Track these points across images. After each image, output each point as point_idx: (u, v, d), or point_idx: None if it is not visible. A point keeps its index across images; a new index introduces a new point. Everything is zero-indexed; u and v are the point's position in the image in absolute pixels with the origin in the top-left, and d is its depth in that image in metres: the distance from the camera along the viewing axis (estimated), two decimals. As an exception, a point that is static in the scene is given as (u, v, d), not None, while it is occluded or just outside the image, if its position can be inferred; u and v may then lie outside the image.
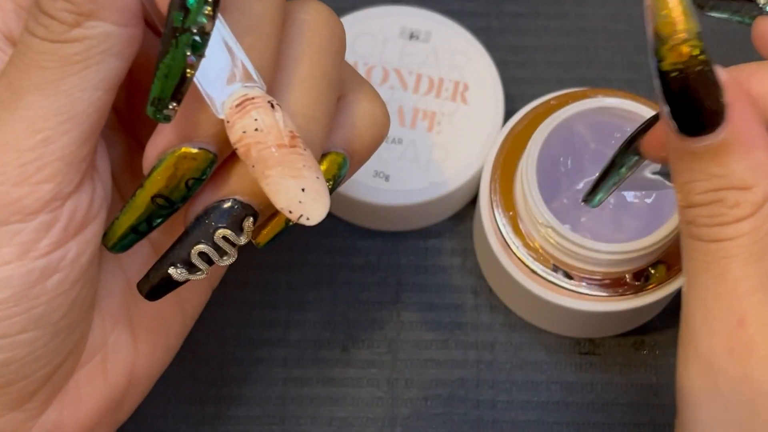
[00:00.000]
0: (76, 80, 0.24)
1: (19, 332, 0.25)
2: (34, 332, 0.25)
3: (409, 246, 0.39)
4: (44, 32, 0.23)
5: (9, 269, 0.24)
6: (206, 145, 0.24)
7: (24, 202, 0.24)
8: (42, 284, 0.25)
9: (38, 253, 0.24)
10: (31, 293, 0.25)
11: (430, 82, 0.39)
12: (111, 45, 0.24)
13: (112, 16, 0.23)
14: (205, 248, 0.25)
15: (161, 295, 0.26)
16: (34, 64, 0.23)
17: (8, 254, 0.24)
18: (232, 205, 0.25)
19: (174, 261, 0.26)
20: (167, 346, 0.31)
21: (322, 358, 0.37)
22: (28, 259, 0.24)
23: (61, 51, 0.23)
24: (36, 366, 0.26)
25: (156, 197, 0.25)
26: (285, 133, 0.23)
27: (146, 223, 0.25)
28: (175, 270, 0.26)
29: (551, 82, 0.41)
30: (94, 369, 0.29)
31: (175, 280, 0.26)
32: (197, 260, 0.25)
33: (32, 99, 0.23)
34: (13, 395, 0.26)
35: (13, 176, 0.24)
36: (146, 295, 0.26)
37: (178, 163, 0.24)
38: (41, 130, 0.24)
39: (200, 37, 0.22)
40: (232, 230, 0.25)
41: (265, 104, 0.23)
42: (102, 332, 0.29)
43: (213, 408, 0.37)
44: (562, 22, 0.43)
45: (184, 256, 0.25)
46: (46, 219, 0.24)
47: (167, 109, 0.23)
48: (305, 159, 0.23)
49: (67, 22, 0.23)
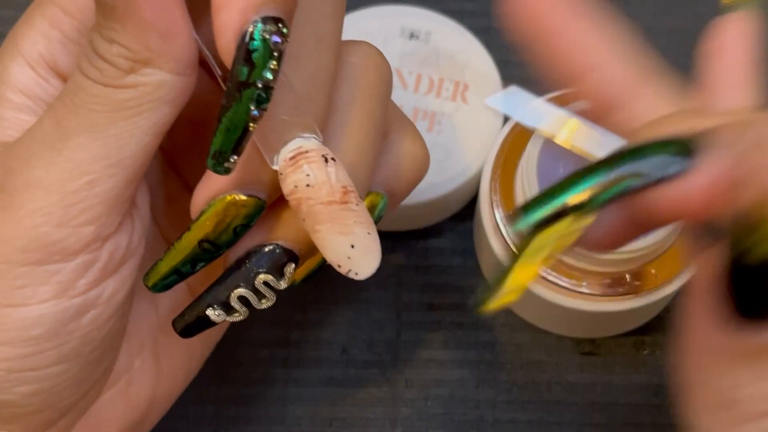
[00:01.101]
0: (127, 126, 0.23)
1: (49, 366, 0.25)
2: (64, 365, 0.25)
3: (409, 246, 0.39)
4: (98, 75, 0.23)
5: (45, 307, 0.24)
6: (256, 192, 0.24)
7: (64, 244, 0.23)
8: (77, 321, 0.24)
9: (75, 292, 0.24)
10: (65, 330, 0.24)
11: (430, 81, 0.39)
12: (165, 93, 0.23)
13: (169, 64, 0.23)
14: (245, 292, 0.25)
15: (195, 333, 0.26)
16: (84, 106, 0.23)
17: (45, 293, 0.24)
18: (274, 249, 0.25)
19: (212, 302, 0.25)
20: (189, 369, 0.31)
21: (322, 358, 0.37)
22: (65, 298, 0.24)
23: (113, 96, 0.23)
24: (62, 396, 0.26)
25: (203, 242, 0.25)
26: (337, 189, 0.23)
27: (190, 265, 0.25)
28: (213, 311, 0.25)
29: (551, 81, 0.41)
30: (117, 393, 0.28)
31: (211, 321, 0.26)
32: (236, 303, 0.25)
33: (80, 141, 0.23)
34: (37, 422, 0.26)
35: (55, 218, 0.23)
36: (180, 333, 0.26)
37: (227, 209, 0.24)
38: (87, 173, 0.23)
39: (265, 92, 0.22)
40: (273, 275, 0.25)
41: (319, 159, 0.23)
42: (129, 357, 0.29)
43: (213, 408, 0.37)
44: (562, 22, 0.43)
45: (223, 299, 0.25)
46: (85, 259, 0.24)
47: (228, 162, 0.23)
48: (357, 215, 0.23)
49: (122, 67, 0.22)
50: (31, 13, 0.26)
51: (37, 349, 0.24)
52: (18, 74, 0.25)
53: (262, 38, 0.21)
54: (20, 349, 0.24)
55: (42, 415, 0.26)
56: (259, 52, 0.21)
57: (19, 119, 0.25)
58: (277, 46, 0.22)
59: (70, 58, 0.25)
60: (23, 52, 0.25)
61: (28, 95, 0.25)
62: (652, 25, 0.43)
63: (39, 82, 0.25)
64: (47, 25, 0.25)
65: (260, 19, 0.21)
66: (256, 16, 0.21)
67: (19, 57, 0.25)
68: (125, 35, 0.22)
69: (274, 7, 0.22)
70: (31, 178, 0.23)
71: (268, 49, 0.22)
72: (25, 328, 0.24)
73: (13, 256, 0.23)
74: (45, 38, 0.25)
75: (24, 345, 0.24)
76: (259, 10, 0.21)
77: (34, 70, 0.25)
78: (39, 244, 0.23)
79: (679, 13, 0.43)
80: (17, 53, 0.25)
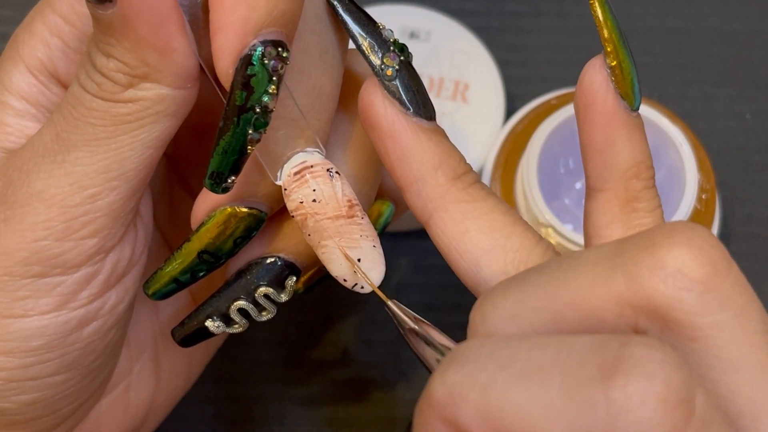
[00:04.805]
0: (127, 139, 0.22)
1: (50, 375, 0.24)
2: (65, 375, 0.25)
3: (409, 246, 0.39)
4: (96, 89, 0.22)
5: (46, 319, 0.24)
6: (257, 205, 0.24)
7: (66, 257, 0.23)
8: (78, 332, 0.24)
9: (77, 303, 0.24)
10: (67, 341, 0.24)
11: (430, 81, 0.39)
12: (165, 107, 0.22)
13: (167, 79, 0.22)
14: (245, 305, 0.25)
15: (194, 343, 0.26)
16: (84, 119, 0.22)
17: (47, 305, 0.24)
18: (275, 261, 0.25)
19: (211, 314, 0.25)
20: (189, 375, 0.31)
21: (322, 358, 0.37)
22: (67, 310, 0.24)
23: (113, 110, 0.22)
24: (63, 404, 0.26)
25: (203, 253, 0.24)
26: (343, 203, 0.23)
27: (189, 275, 0.25)
28: (212, 323, 0.25)
29: (552, 81, 0.41)
30: (116, 399, 0.28)
31: (210, 332, 0.25)
32: (236, 315, 0.25)
33: (80, 155, 0.23)
34: (36, 428, 0.26)
35: (56, 231, 0.23)
36: (179, 342, 0.26)
37: (227, 221, 0.24)
38: (88, 186, 0.23)
39: (263, 116, 0.21)
40: (273, 288, 0.25)
41: (324, 173, 0.23)
42: (128, 362, 0.29)
43: (213, 408, 0.36)
44: (563, 22, 0.43)
45: (223, 310, 0.25)
46: (87, 272, 0.24)
47: (226, 182, 0.22)
48: (363, 228, 0.23)
49: (120, 82, 0.22)
50: (32, 20, 0.25)
51: (38, 360, 0.24)
52: (20, 81, 0.25)
53: (261, 63, 0.21)
54: (20, 360, 0.24)
55: (41, 422, 0.25)
56: (258, 77, 0.21)
57: (22, 125, 0.25)
58: (276, 71, 0.21)
59: (71, 66, 0.25)
60: (24, 58, 0.25)
61: (30, 102, 0.25)
62: (652, 25, 0.43)
63: (40, 89, 0.25)
64: (47, 33, 0.25)
65: (260, 42, 0.21)
66: (255, 40, 0.21)
67: (20, 63, 0.25)
68: (122, 51, 0.22)
69: (274, 30, 0.21)
70: (32, 191, 0.23)
71: (267, 74, 0.21)
72: (26, 339, 0.24)
73: (14, 269, 0.23)
74: (45, 45, 0.25)
75: (24, 355, 0.24)
76: (259, 33, 0.21)
77: (35, 77, 0.25)
78: (40, 258, 0.23)
79: (679, 13, 0.43)
80: (18, 60, 0.25)
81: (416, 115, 0.23)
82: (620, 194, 0.22)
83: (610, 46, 0.22)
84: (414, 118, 0.23)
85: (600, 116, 0.22)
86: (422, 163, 0.23)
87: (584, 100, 0.22)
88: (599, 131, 0.22)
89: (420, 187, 0.23)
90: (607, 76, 0.22)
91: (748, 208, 0.40)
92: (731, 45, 0.43)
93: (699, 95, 0.42)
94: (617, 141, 0.22)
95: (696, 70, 0.42)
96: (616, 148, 0.22)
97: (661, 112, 0.35)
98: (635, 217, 0.22)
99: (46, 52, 0.25)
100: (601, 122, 0.22)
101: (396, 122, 0.23)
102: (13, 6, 0.44)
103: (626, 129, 0.22)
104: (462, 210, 0.22)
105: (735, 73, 0.42)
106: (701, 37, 0.43)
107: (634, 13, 0.43)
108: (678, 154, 0.34)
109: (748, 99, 0.41)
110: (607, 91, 0.22)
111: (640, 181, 0.22)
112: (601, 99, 0.22)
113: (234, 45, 0.21)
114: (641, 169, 0.22)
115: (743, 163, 0.40)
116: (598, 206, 0.22)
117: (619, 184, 0.22)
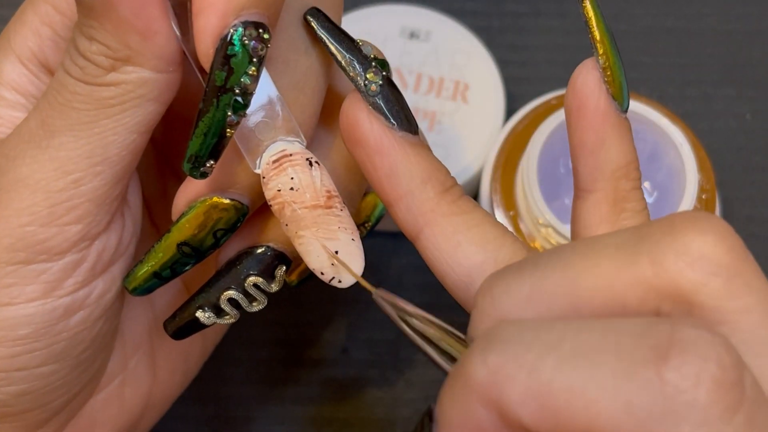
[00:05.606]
0: (110, 123, 0.23)
1: (38, 365, 0.24)
2: (53, 365, 0.25)
3: (409, 246, 0.39)
4: (79, 73, 0.22)
5: (32, 307, 0.24)
6: (239, 197, 0.24)
7: (51, 243, 0.23)
8: (65, 321, 0.24)
9: (63, 291, 0.24)
10: (54, 330, 0.24)
11: (430, 81, 0.39)
12: (148, 90, 0.22)
13: (150, 62, 0.22)
14: (235, 294, 0.25)
15: (187, 335, 0.26)
16: (68, 104, 0.23)
17: (32, 292, 0.24)
18: (265, 251, 0.25)
19: (202, 305, 0.25)
20: (186, 371, 0.31)
21: (322, 358, 0.37)
22: (53, 298, 0.24)
23: (95, 94, 0.22)
24: (53, 396, 0.26)
25: (182, 245, 0.24)
26: (321, 193, 0.23)
27: (170, 270, 0.25)
28: (203, 314, 0.25)
29: (552, 81, 0.41)
30: (111, 394, 0.28)
31: (202, 323, 0.25)
32: (226, 306, 0.25)
33: (64, 140, 0.23)
34: (28, 422, 0.26)
35: (41, 217, 0.23)
36: (171, 335, 0.26)
37: (208, 212, 0.24)
38: (72, 171, 0.23)
39: (242, 97, 0.21)
40: (263, 278, 0.25)
41: (303, 162, 0.23)
42: (123, 358, 0.28)
43: (213, 408, 0.36)
44: (563, 22, 0.43)
45: (213, 301, 0.25)
46: (73, 259, 0.24)
47: (204, 166, 0.22)
48: (341, 220, 0.23)
49: (102, 65, 0.22)
50: (24, 10, 0.25)
51: (26, 349, 0.24)
52: (10, 71, 0.25)
53: (241, 43, 0.21)
54: (8, 349, 0.24)
55: (32, 415, 0.25)
56: (238, 58, 0.21)
57: (12, 116, 0.25)
58: (256, 52, 0.21)
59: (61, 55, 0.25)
60: (15, 49, 0.25)
61: (21, 92, 0.25)
62: (652, 25, 0.43)
63: (31, 79, 0.25)
64: (38, 22, 0.25)
65: (241, 23, 0.21)
66: (236, 20, 0.21)
67: (11, 54, 0.25)
68: (104, 33, 0.22)
69: (255, 11, 0.21)
70: (18, 177, 0.23)
71: (247, 55, 0.21)
72: (12, 328, 0.24)
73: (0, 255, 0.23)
74: (36, 35, 0.25)
75: (11, 344, 0.24)
76: (240, 14, 0.21)
77: (26, 67, 0.25)
78: (25, 243, 0.23)
79: (678, 13, 0.43)
80: (9, 50, 0.25)
81: (402, 129, 0.23)
82: (609, 195, 0.22)
83: (602, 48, 0.22)
84: (400, 133, 0.23)
85: (593, 117, 0.22)
86: (411, 178, 0.23)
87: (577, 101, 0.22)
88: (592, 132, 0.22)
89: (409, 202, 0.23)
90: (600, 77, 0.22)
91: (748, 208, 0.40)
92: (731, 45, 0.43)
93: (699, 95, 0.42)
94: (608, 141, 0.22)
95: (695, 70, 0.42)
96: (607, 148, 0.22)
97: (661, 112, 0.35)
98: (624, 217, 0.22)
99: (37, 41, 0.25)
100: (595, 123, 0.22)
101: (383, 138, 0.23)
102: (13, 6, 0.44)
103: (617, 130, 0.22)
104: (453, 223, 0.22)
105: (735, 73, 0.42)
106: (701, 37, 0.43)
107: (634, 13, 0.43)
108: (678, 154, 0.34)
109: (748, 99, 0.42)
110: (600, 91, 0.22)
111: (629, 181, 0.22)
112: (594, 100, 0.22)
113: (215, 25, 0.21)
114: (630, 170, 0.22)
115: (743, 163, 0.40)
116: (587, 207, 0.22)
117: (609, 185, 0.22)
